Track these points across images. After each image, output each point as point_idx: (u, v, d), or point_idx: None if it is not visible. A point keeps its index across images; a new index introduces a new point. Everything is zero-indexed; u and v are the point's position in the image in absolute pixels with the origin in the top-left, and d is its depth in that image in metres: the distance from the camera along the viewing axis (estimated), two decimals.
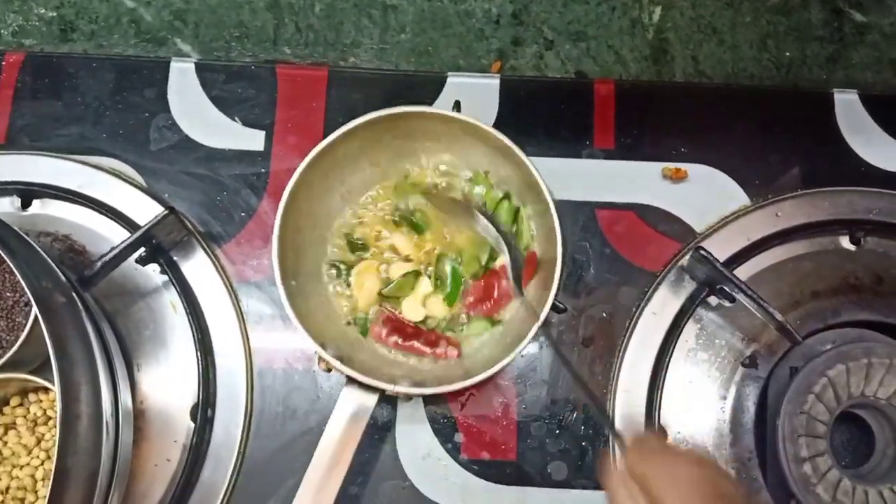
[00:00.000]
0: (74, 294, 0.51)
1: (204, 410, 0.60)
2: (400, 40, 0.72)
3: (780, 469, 0.57)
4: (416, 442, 0.61)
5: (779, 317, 0.58)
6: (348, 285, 0.60)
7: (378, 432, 0.61)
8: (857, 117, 0.68)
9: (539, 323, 0.52)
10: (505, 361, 0.52)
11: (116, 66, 0.69)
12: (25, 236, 0.51)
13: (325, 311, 0.58)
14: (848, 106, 0.69)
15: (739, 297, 0.60)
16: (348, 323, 0.59)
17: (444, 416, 0.61)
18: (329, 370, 0.55)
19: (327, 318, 0.58)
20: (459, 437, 0.61)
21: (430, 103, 0.68)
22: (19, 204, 0.64)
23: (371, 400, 0.53)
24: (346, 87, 0.68)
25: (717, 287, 0.61)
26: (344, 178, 0.60)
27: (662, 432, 0.61)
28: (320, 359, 0.53)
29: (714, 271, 0.60)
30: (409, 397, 0.58)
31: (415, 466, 0.60)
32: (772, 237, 0.64)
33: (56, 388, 0.44)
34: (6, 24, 0.71)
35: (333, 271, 0.60)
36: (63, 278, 0.51)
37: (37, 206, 0.64)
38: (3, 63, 0.68)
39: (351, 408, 0.53)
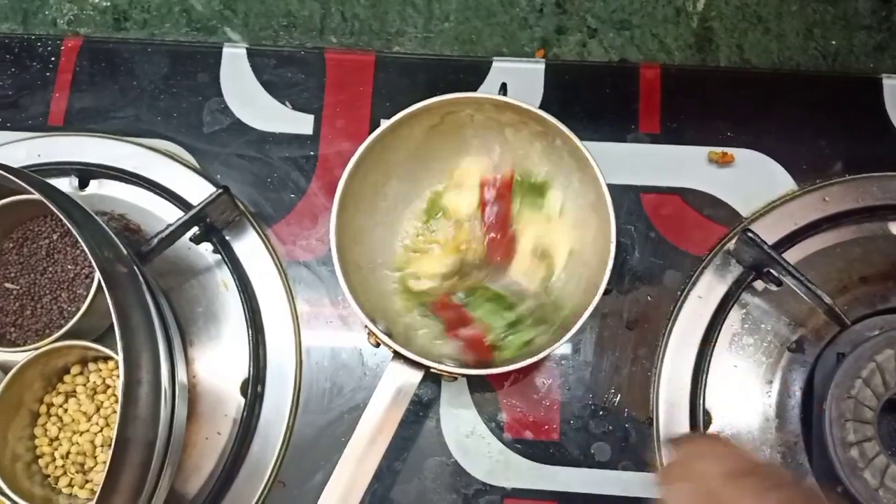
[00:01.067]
0: (135, 267, 0.53)
1: (254, 386, 0.61)
2: (444, 29, 0.72)
3: (826, 454, 0.56)
4: (459, 420, 0.62)
5: (827, 300, 0.58)
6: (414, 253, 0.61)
7: (422, 409, 0.62)
8: None
9: (588, 311, 0.52)
10: (549, 350, 0.52)
11: (170, 51, 0.71)
12: (88, 209, 0.53)
13: (377, 286, 0.59)
14: None
15: (787, 280, 0.60)
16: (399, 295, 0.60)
17: (488, 396, 0.62)
18: (377, 345, 0.56)
19: (380, 295, 0.59)
20: (503, 417, 0.62)
21: (476, 88, 0.69)
22: (77, 184, 0.66)
23: (416, 377, 0.54)
24: (392, 72, 0.70)
25: (764, 271, 0.61)
26: (401, 167, 0.61)
27: (707, 417, 0.61)
28: (370, 333, 0.53)
29: (762, 254, 0.60)
30: (454, 377, 0.59)
31: (458, 444, 0.61)
32: (819, 222, 0.64)
33: (119, 355, 0.46)
34: (62, 14, 0.74)
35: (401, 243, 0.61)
36: (124, 251, 0.53)
37: (94, 187, 0.66)
38: (62, 48, 0.71)
39: (396, 383, 0.54)
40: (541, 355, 0.52)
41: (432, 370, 0.53)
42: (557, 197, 0.60)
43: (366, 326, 0.53)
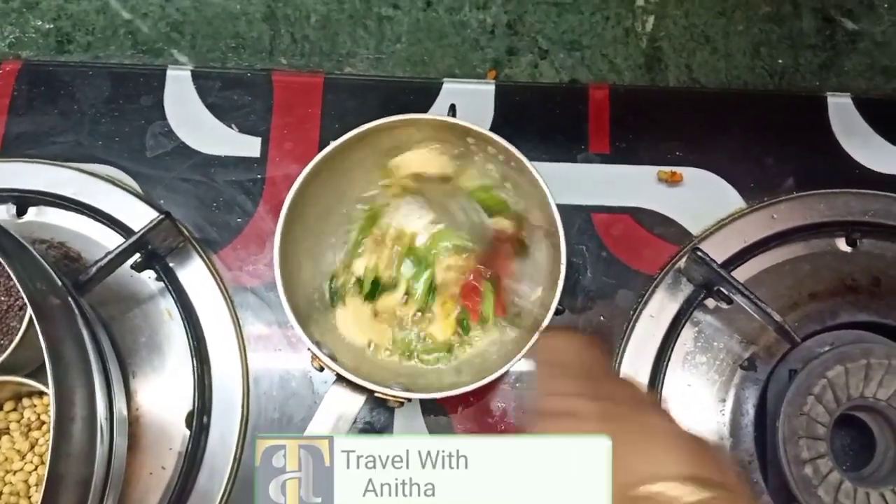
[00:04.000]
0: (70, 298, 0.51)
1: (199, 418, 0.59)
2: (395, 50, 0.72)
3: (780, 471, 0.56)
4: None
5: (777, 318, 0.58)
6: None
7: (375, 435, 0.60)
8: (850, 120, 0.69)
9: (538, 333, 0.51)
10: (499, 372, 0.51)
11: (112, 74, 0.69)
12: (20, 239, 0.51)
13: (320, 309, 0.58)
14: (841, 109, 0.69)
15: (737, 298, 0.60)
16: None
17: (443, 421, 0.61)
18: (321, 369, 0.54)
19: (323, 317, 0.58)
20: None
21: (426, 109, 0.68)
22: (15, 211, 0.64)
23: (358, 401, 0.52)
24: (341, 93, 0.69)
25: (715, 289, 0.61)
26: (344, 188, 0.60)
27: None
28: (313, 356, 0.52)
29: (711, 273, 0.60)
30: (400, 402, 0.57)
31: None
32: (768, 239, 0.64)
33: (50, 390, 0.44)
34: (3, 37, 0.72)
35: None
36: (58, 282, 0.51)
37: (32, 214, 0.64)
38: (0, 72, 0.69)
39: (336, 407, 0.52)
40: (491, 377, 0.51)
41: (377, 395, 0.51)
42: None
43: (308, 349, 0.51)
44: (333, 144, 0.54)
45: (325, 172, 0.55)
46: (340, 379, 0.51)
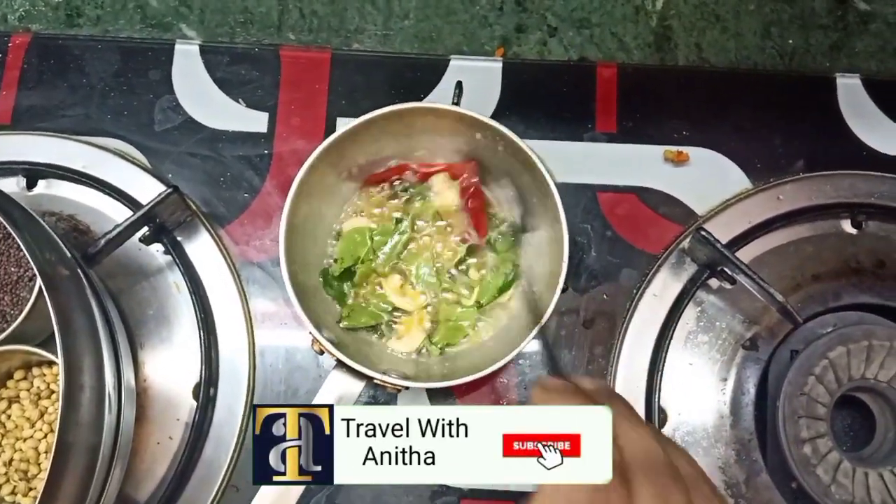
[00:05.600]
0: (79, 269, 0.51)
1: (206, 389, 0.60)
2: (403, 27, 0.72)
3: (780, 450, 0.57)
4: None
5: (780, 298, 0.58)
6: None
7: None
8: (859, 102, 0.68)
9: (542, 322, 0.52)
10: (502, 362, 0.52)
11: (121, 48, 0.69)
12: (30, 210, 0.52)
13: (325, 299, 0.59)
14: (850, 90, 0.69)
15: (740, 278, 0.60)
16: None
17: (445, 397, 0.61)
18: (321, 352, 0.55)
19: (327, 307, 0.58)
20: None
21: (433, 87, 0.68)
22: (24, 184, 0.64)
23: (357, 386, 0.53)
24: (349, 69, 0.69)
25: (718, 269, 0.61)
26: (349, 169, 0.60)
27: (662, 414, 0.61)
28: (314, 340, 0.53)
29: (715, 253, 0.60)
30: (397, 389, 0.58)
31: None
32: (773, 220, 0.64)
33: (59, 358, 0.45)
34: (13, 10, 0.72)
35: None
36: (68, 253, 0.51)
37: (42, 187, 0.64)
38: (10, 45, 0.69)
39: (336, 392, 0.53)
40: (500, 363, 0.51)
41: (375, 381, 0.52)
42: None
43: (310, 332, 0.52)
44: (343, 129, 0.54)
45: (333, 154, 0.55)
46: (340, 364, 0.52)
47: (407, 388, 0.54)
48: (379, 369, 0.52)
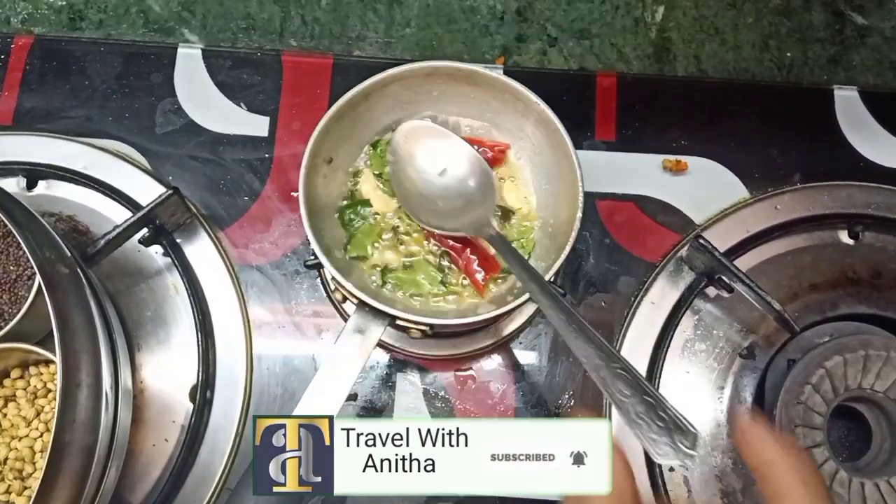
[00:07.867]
0: (78, 268, 0.51)
1: (203, 392, 0.60)
2: (405, 34, 0.72)
3: None
4: None
5: (777, 307, 0.58)
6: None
7: (375, 415, 0.61)
8: (856, 114, 0.69)
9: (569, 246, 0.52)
10: (519, 301, 0.51)
11: (124, 51, 0.70)
12: (30, 208, 0.52)
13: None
14: (848, 102, 0.69)
15: (738, 287, 0.60)
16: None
17: (442, 401, 0.62)
18: (344, 299, 0.53)
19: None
20: None
21: None
22: (25, 184, 0.64)
23: (379, 326, 0.51)
24: (350, 75, 0.69)
25: (716, 277, 0.62)
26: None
27: None
28: (335, 288, 0.51)
29: (713, 261, 0.60)
30: (423, 331, 0.56)
31: None
32: (771, 230, 0.64)
33: (57, 356, 0.45)
34: (15, 12, 0.72)
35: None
36: (67, 252, 0.51)
37: (42, 187, 0.65)
38: (12, 46, 0.69)
39: (358, 330, 0.51)
40: (510, 306, 0.50)
41: (398, 321, 0.50)
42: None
43: (332, 278, 0.51)
44: (358, 88, 0.54)
45: (361, 105, 0.55)
46: (362, 304, 0.50)
47: (431, 327, 0.52)
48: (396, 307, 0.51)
